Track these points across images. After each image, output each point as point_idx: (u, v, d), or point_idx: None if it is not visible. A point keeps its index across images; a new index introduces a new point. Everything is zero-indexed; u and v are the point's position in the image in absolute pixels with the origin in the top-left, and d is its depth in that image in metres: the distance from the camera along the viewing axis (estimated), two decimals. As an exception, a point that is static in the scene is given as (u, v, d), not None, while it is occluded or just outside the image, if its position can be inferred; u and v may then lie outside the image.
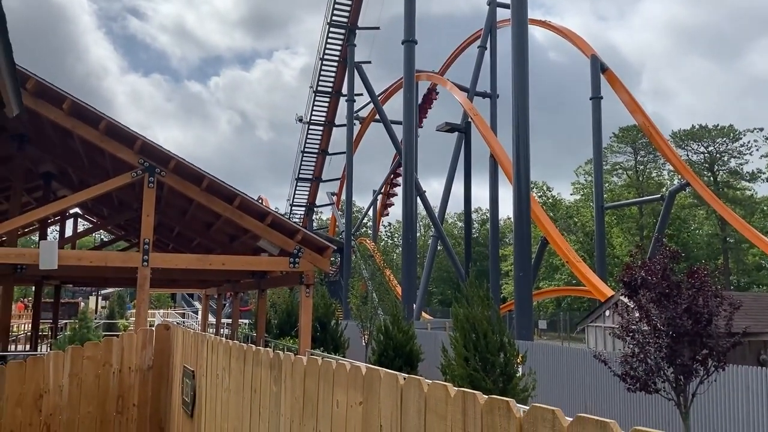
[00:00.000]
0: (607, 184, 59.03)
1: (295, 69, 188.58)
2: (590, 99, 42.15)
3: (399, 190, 51.64)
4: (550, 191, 73.17)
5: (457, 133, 43.39)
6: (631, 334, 10.28)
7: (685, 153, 61.70)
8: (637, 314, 10.58)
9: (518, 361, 11.29)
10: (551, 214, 60.24)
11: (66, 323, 28.16)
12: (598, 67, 41.51)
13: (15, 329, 26.08)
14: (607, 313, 23.86)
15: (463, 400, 2.35)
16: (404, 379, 2.74)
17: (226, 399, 4.97)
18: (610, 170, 65.38)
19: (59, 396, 6.68)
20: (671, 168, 52.92)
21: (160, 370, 7.21)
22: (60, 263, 11.87)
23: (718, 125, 61.77)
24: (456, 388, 2.60)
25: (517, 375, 10.90)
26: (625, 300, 11.59)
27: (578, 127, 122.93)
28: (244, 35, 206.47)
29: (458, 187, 46.15)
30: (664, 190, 53.73)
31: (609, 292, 30.04)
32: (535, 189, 67.21)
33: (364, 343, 20.08)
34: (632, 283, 10.60)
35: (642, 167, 65.62)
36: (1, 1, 2.29)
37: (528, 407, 2.25)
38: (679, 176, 43.64)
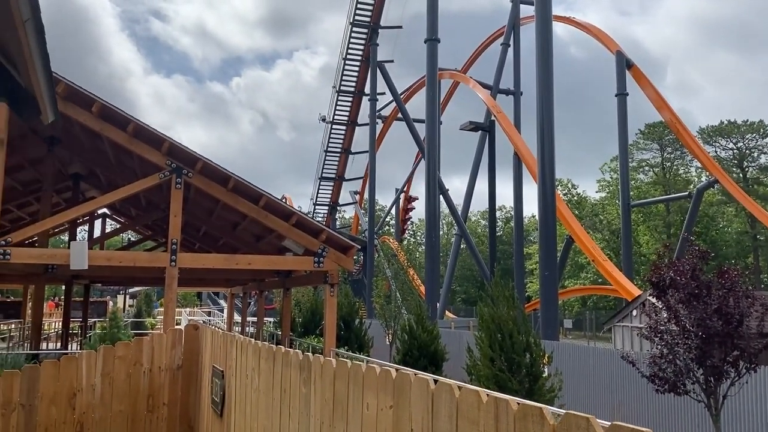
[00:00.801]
0: (633, 182, 58.30)
1: (315, 69, 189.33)
2: (615, 96, 41.68)
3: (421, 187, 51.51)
4: (575, 188, 72.50)
5: (480, 131, 43.21)
6: (659, 334, 10.15)
7: (713, 149, 60.66)
8: (665, 314, 10.45)
9: (544, 361, 11.22)
10: (576, 212, 59.69)
11: (95, 321, 28.67)
12: (624, 64, 41.01)
13: (46, 327, 26.62)
14: (635, 312, 23.59)
15: (496, 406, 2.35)
16: (435, 383, 2.75)
17: (255, 399, 5.02)
18: (636, 167, 64.55)
19: (92, 395, 6.80)
20: (699, 165, 52.06)
21: (189, 369, 7.30)
22: (90, 263, 12.08)
23: (747, 120, 60.63)
24: (487, 391, 2.61)
25: (543, 375, 10.83)
26: (653, 300, 11.44)
27: (601, 123, 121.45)
28: (263, 35, 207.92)
29: (481, 185, 45.86)
30: (691, 187, 52.92)
31: (635, 291, 29.70)
32: (559, 186, 66.62)
33: (388, 342, 20.12)
34: (660, 283, 10.46)
35: (669, 164, 64.67)
36: (40, 13, 2.35)
37: (563, 413, 2.24)
38: (708, 173, 42.95)
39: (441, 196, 35.97)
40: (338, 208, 62.20)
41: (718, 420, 9.84)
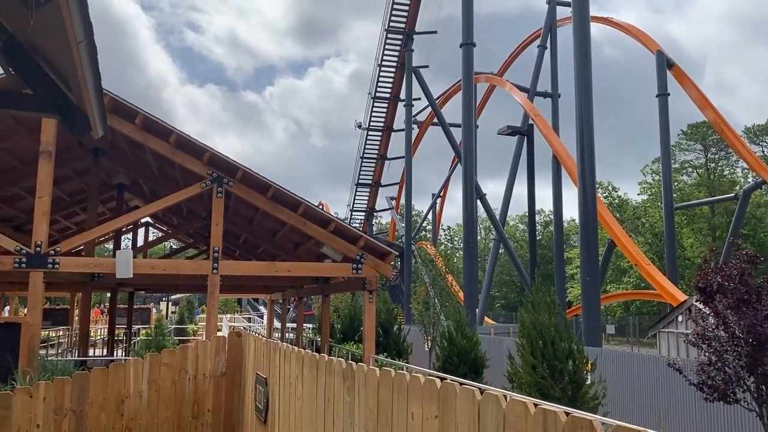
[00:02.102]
0: (676, 183, 56.99)
1: (345, 76, 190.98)
2: (657, 96, 40.85)
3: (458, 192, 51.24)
4: (615, 191, 71.20)
5: (517, 135, 42.85)
6: (707, 341, 9.88)
7: (760, 149, 58.89)
8: (712, 320, 10.17)
9: (587, 368, 11.03)
10: (618, 215, 58.60)
11: (139, 328, 29.29)
12: (664, 63, 40.18)
13: (92, 334, 27.31)
14: (680, 318, 23.03)
15: (544, 417, 2.33)
16: (481, 393, 2.74)
17: (299, 407, 5.06)
18: (679, 169, 63.09)
19: (139, 401, 6.96)
20: (745, 165, 50.60)
21: (232, 376, 7.41)
22: (135, 272, 12.35)
23: (796, 119, 58.72)
24: (534, 400, 2.58)
25: (587, 383, 10.65)
26: (700, 306, 11.15)
27: (640, 124, 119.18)
28: (294, 44, 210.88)
29: (517, 189, 45.42)
30: (737, 188, 51.45)
31: (680, 296, 28.98)
32: (600, 189, 65.54)
33: (427, 349, 20.04)
34: (707, 288, 10.18)
35: (713, 165, 63.02)
36: (93, 35, 2.43)
37: (613, 423, 2.21)
38: (754, 173, 41.72)
39: (478, 200, 35.72)
40: (375, 213, 62.36)
41: (770, 430, 9.52)
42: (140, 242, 25.60)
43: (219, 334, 9.61)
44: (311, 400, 4.75)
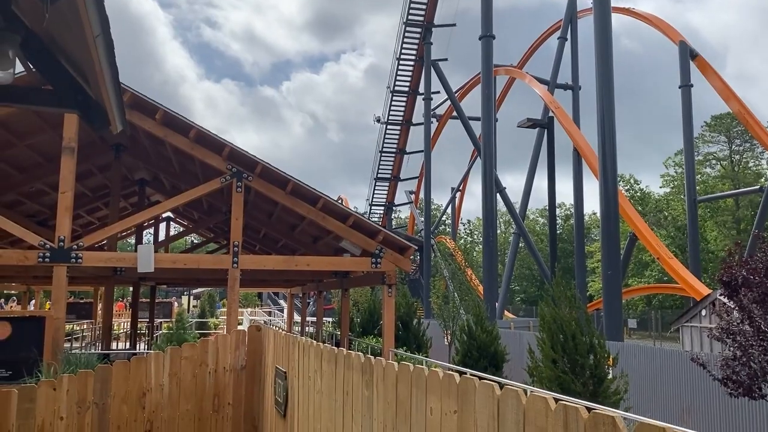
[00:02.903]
0: (699, 176, 56.16)
1: (361, 70, 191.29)
2: (679, 87, 40.24)
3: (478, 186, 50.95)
4: (637, 184, 70.38)
5: (537, 128, 42.50)
6: (732, 336, 9.73)
7: (786, 140, 57.71)
8: (737, 315, 10.00)
9: (609, 363, 10.91)
10: (640, 208, 57.94)
11: (161, 322, 29.62)
12: (687, 54, 39.54)
13: (115, 328, 27.68)
14: (704, 312, 22.72)
15: (565, 413, 2.29)
16: (501, 388, 2.70)
17: (318, 401, 5.07)
18: (702, 161, 62.17)
19: (160, 394, 7.02)
20: (771, 157, 49.71)
21: (252, 370, 7.44)
22: (156, 266, 12.47)
23: (823, 109, 57.51)
24: (554, 395, 2.54)
25: (608, 378, 10.54)
26: (724, 300, 10.97)
27: (660, 116, 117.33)
28: (310, 39, 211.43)
29: (537, 182, 45.02)
30: (762, 180, 50.58)
31: (704, 290, 28.60)
32: (621, 182, 64.81)
33: (446, 343, 20.00)
34: (732, 282, 10.02)
35: (737, 157, 61.98)
36: (110, 30, 2.43)
37: (636, 418, 2.16)
38: (780, 165, 40.96)
39: (498, 194, 35.53)
40: (394, 208, 62.36)
41: (797, 426, 9.35)
42: (162, 237, 25.86)
43: (239, 327, 9.68)
44: (330, 393, 4.75)
